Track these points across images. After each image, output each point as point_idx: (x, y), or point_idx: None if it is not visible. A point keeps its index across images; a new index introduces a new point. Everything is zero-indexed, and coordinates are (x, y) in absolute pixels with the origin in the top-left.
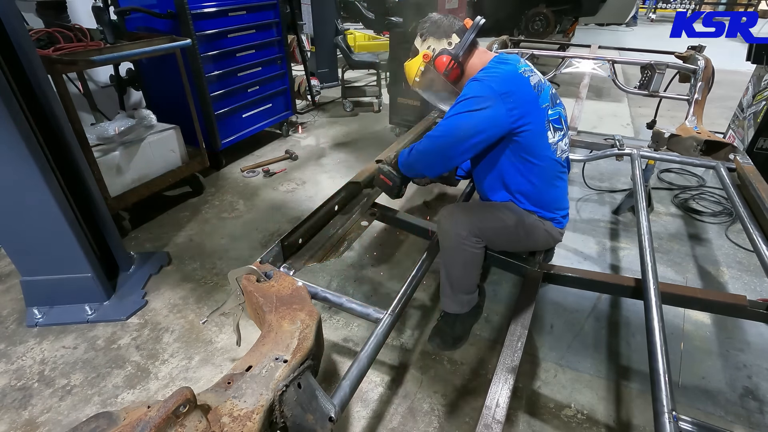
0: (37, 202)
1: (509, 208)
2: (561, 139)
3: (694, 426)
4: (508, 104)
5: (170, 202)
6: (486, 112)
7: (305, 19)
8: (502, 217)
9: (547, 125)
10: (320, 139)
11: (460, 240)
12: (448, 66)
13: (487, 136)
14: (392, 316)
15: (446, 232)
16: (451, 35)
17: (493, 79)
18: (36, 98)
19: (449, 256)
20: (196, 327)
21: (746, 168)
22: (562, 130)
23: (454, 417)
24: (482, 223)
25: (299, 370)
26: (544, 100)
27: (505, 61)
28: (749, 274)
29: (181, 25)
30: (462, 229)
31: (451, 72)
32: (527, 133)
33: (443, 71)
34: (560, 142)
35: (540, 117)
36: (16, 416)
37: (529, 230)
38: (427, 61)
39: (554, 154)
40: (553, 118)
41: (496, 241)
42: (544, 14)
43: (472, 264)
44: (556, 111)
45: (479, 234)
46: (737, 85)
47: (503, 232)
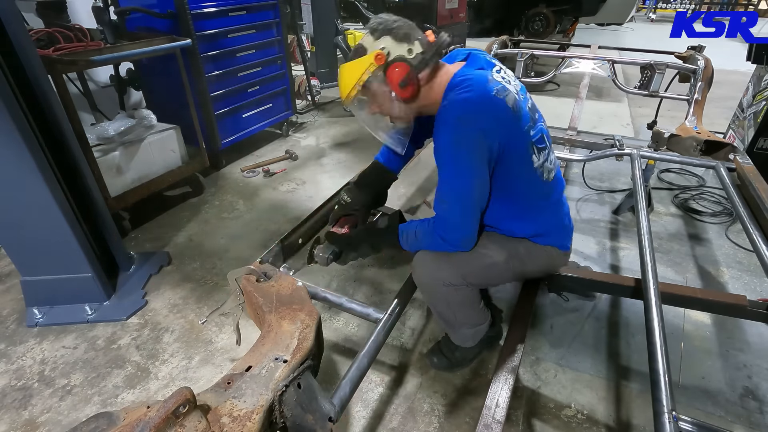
0: (37, 203)
1: (493, 241)
2: (546, 158)
3: (694, 426)
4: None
5: (170, 202)
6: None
7: (305, 19)
8: (487, 253)
9: (530, 149)
10: (320, 139)
11: (442, 287)
12: (405, 78)
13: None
14: (392, 316)
15: (421, 283)
16: (413, 42)
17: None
18: (36, 98)
19: (432, 303)
20: (196, 327)
21: (746, 168)
22: (546, 149)
23: (454, 417)
24: (464, 266)
25: (299, 370)
26: (525, 121)
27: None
28: (749, 274)
29: (181, 25)
30: (437, 278)
31: (407, 87)
32: (508, 162)
33: (398, 82)
34: (546, 163)
35: (523, 143)
36: (16, 416)
37: (524, 259)
38: (379, 64)
39: (540, 178)
40: (536, 138)
41: (485, 281)
42: (544, 14)
43: (466, 305)
44: (537, 129)
45: (462, 281)
46: (737, 85)
47: (493, 271)
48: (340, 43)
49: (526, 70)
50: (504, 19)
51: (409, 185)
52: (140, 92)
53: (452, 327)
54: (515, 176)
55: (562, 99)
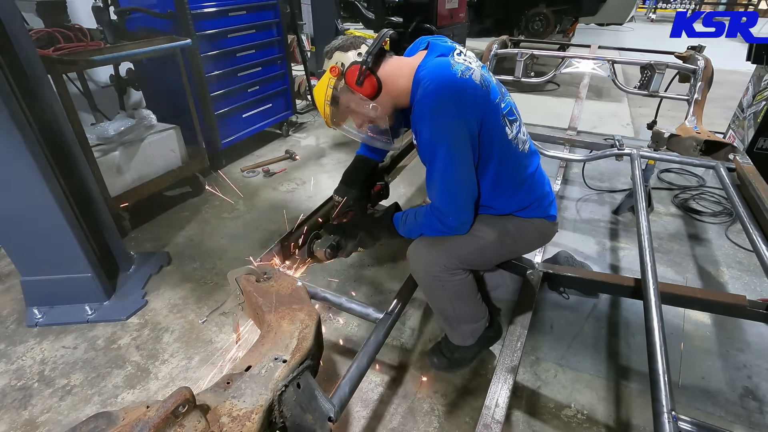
0: (37, 202)
1: (482, 221)
2: (519, 130)
3: (693, 426)
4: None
5: (170, 202)
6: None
7: (305, 19)
8: (479, 235)
9: (503, 120)
10: (320, 139)
11: (436, 277)
12: (360, 75)
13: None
14: (392, 316)
15: (418, 273)
16: (360, 46)
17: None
18: (36, 98)
19: (431, 296)
20: (196, 327)
21: (746, 168)
22: (517, 121)
23: (454, 417)
24: (458, 249)
25: (298, 370)
26: (495, 94)
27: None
28: (749, 274)
29: (181, 25)
30: (434, 264)
31: (364, 81)
32: (487, 138)
33: (355, 81)
34: (519, 134)
35: (496, 116)
36: (16, 416)
37: (515, 236)
38: (335, 75)
39: (517, 149)
40: (506, 111)
41: (481, 262)
42: (544, 14)
43: (463, 295)
44: (507, 102)
45: (458, 264)
46: (737, 85)
47: (487, 251)
48: None
49: (526, 70)
50: (504, 19)
51: (409, 185)
52: (140, 92)
53: (451, 325)
54: (495, 151)
55: (562, 99)
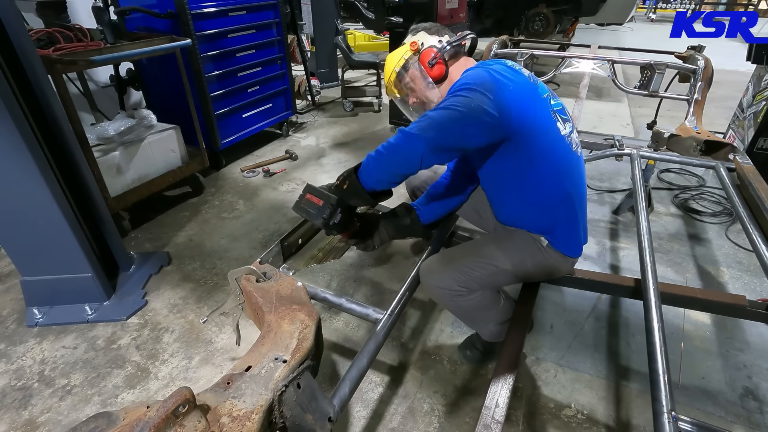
0: (37, 202)
1: (502, 248)
2: (571, 131)
3: (693, 426)
4: (506, 93)
5: (170, 202)
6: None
7: (305, 19)
8: (493, 262)
9: (554, 116)
10: (320, 139)
11: (452, 295)
12: (434, 58)
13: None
14: (392, 316)
15: (433, 293)
16: (444, 35)
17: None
18: (36, 98)
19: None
20: (196, 327)
21: (746, 168)
22: (569, 121)
23: (454, 417)
24: (471, 271)
25: (299, 371)
26: (543, 90)
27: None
28: (749, 274)
29: (181, 25)
30: (447, 284)
31: (435, 65)
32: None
33: (427, 62)
34: (572, 134)
35: (544, 107)
36: (16, 416)
37: (529, 270)
38: (414, 50)
39: (570, 148)
40: (558, 109)
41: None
42: (544, 14)
43: (482, 307)
44: (558, 102)
45: (469, 286)
46: (737, 85)
47: (498, 278)
48: (340, 43)
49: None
50: (504, 19)
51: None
52: (140, 92)
53: (479, 327)
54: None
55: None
